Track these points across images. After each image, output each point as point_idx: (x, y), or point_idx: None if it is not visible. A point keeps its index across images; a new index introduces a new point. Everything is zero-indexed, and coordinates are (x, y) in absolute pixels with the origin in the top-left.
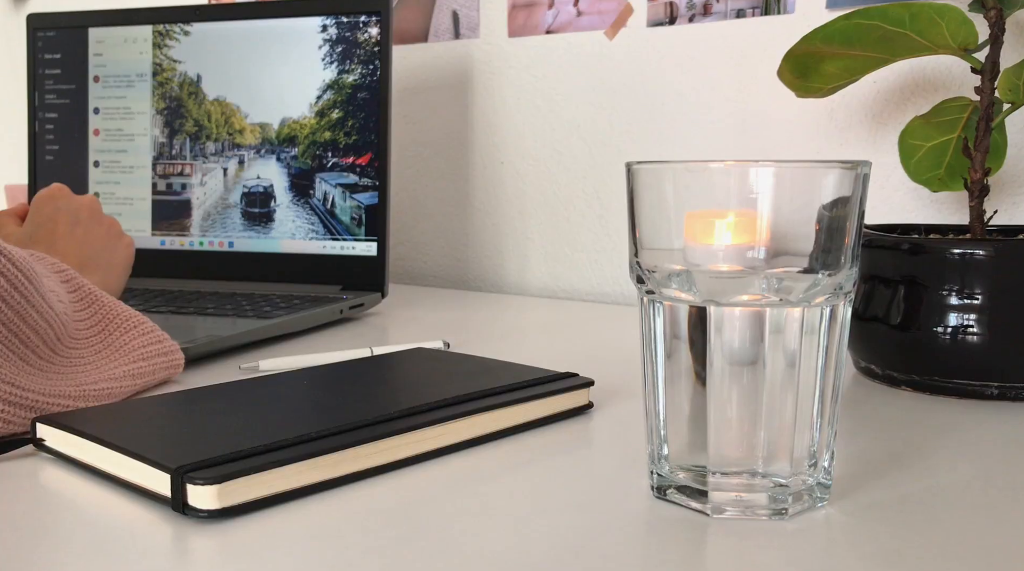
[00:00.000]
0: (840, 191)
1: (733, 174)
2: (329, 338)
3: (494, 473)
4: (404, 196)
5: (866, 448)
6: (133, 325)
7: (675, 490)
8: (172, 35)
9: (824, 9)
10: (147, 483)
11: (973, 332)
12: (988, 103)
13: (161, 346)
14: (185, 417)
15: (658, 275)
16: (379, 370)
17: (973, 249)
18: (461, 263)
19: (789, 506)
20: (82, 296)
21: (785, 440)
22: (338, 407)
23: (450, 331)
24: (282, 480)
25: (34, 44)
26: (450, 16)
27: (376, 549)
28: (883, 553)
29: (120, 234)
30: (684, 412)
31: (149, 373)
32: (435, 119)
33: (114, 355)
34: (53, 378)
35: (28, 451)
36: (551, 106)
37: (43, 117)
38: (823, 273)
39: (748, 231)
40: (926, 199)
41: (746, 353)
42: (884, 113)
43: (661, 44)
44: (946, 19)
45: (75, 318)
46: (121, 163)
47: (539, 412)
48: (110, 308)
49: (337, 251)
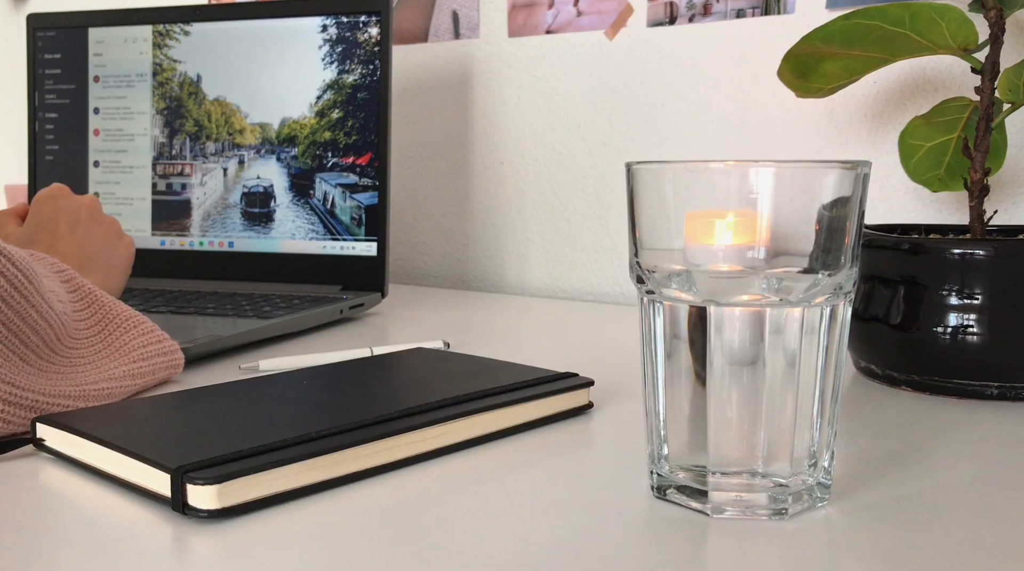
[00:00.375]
0: (840, 191)
1: (733, 174)
2: (329, 338)
3: (494, 473)
4: (404, 196)
5: (866, 448)
6: (133, 325)
7: (675, 490)
8: (172, 35)
9: (824, 9)
10: (147, 483)
11: (973, 332)
12: (988, 103)
13: (161, 346)
14: (185, 417)
15: (658, 275)
16: (379, 370)
17: (973, 249)
18: (461, 263)
19: (789, 506)
20: (82, 296)
21: (785, 440)
22: (338, 407)
23: (450, 331)
24: (282, 480)
25: (34, 44)
26: (450, 16)
27: (376, 549)
28: (883, 553)
29: (120, 234)
30: (684, 412)
31: (149, 373)
32: (435, 119)
33: (114, 355)
34: (53, 378)
35: (28, 451)
36: (551, 106)
37: (43, 117)
38: (823, 273)
39: (748, 231)
40: (926, 199)
41: (746, 353)
42: (884, 113)
43: (661, 44)
44: (946, 19)
45: (75, 318)
46: (121, 163)
47: (539, 412)
48: (110, 308)
49: (337, 251)
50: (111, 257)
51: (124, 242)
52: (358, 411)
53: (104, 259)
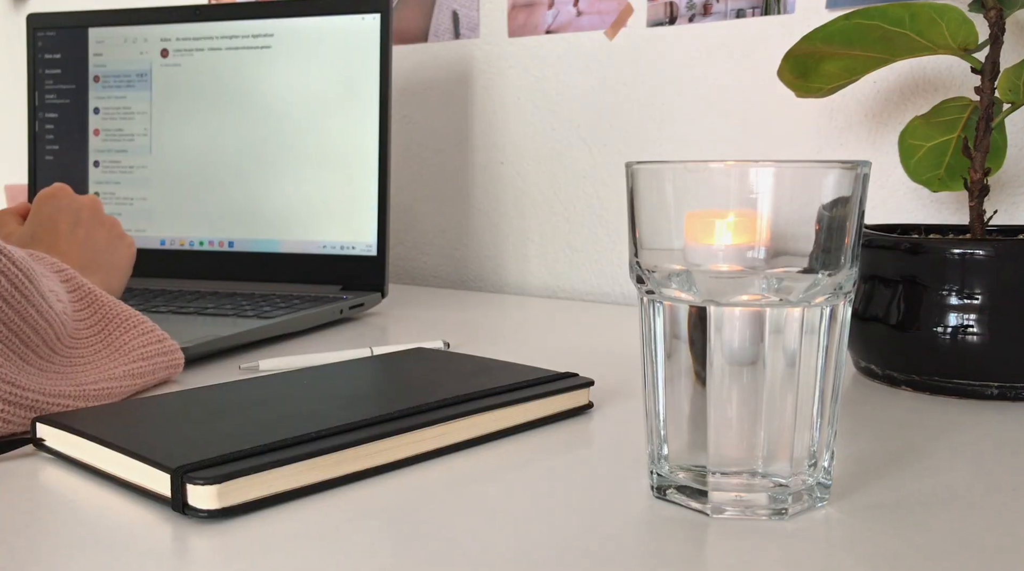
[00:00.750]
0: (840, 191)
1: (733, 174)
2: (329, 338)
3: (494, 473)
4: (404, 196)
5: (866, 448)
6: (133, 325)
7: (675, 490)
8: (177, 51)
9: (824, 9)
10: (147, 483)
11: (973, 332)
12: (988, 103)
13: (161, 346)
14: (185, 417)
15: (658, 275)
16: (379, 370)
17: (973, 249)
18: (461, 263)
19: (789, 506)
20: (82, 296)
21: (785, 440)
22: (338, 407)
23: (450, 331)
24: (282, 480)
25: (34, 44)
26: (450, 16)
27: (376, 549)
28: (883, 553)
29: (121, 234)
30: (684, 412)
31: (149, 373)
32: (435, 119)
33: (113, 355)
34: (53, 377)
35: (28, 451)
36: (551, 106)
37: (43, 117)
38: (823, 273)
39: (748, 231)
40: (926, 199)
41: (746, 353)
42: (884, 113)
43: (661, 44)
44: (946, 19)
45: (74, 318)
46: (121, 163)
47: (539, 412)
48: (110, 308)
49: (337, 251)
50: (112, 257)
51: (125, 242)
52: (358, 411)
53: (105, 259)
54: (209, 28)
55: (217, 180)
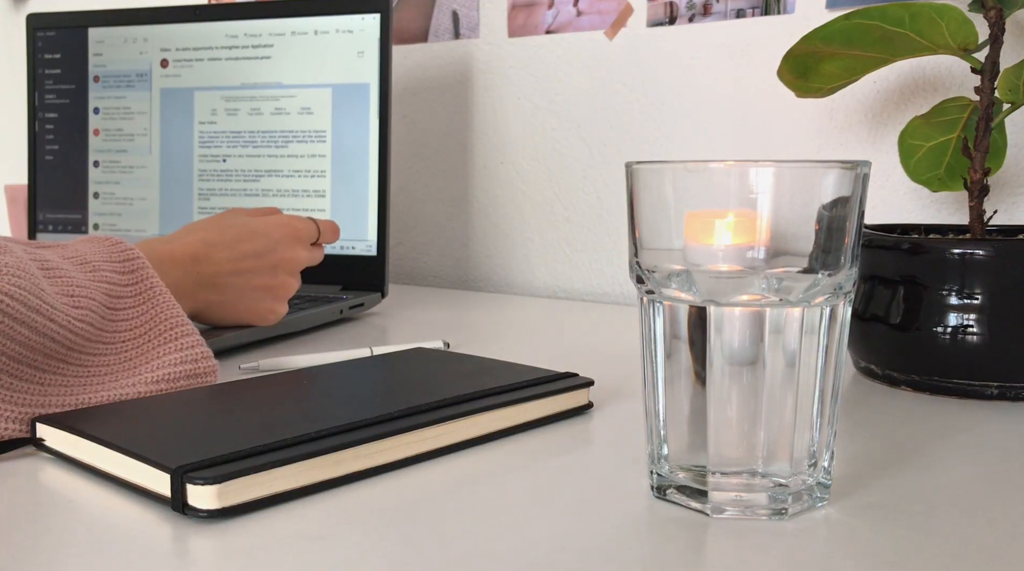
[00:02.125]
0: (840, 191)
1: (733, 174)
2: (329, 338)
3: (494, 473)
4: (404, 196)
5: (866, 448)
6: (175, 336)
7: (675, 490)
8: (177, 61)
9: (824, 9)
10: (147, 483)
11: (973, 332)
12: (988, 103)
13: (196, 366)
14: (185, 417)
15: (658, 275)
16: (379, 370)
17: (973, 249)
18: (461, 263)
19: (789, 506)
20: (141, 290)
21: (785, 440)
22: (338, 407)
23: (450, 331)
24: (282, 480)
25: (34, 44)
26: (450, 16)
27: (376, 549)
28: (883, 553)
29: (282, 299)
30: (684, 412)
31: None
32: (435, 119)
33: (140, 367)
34: (54, 391)
35: (28, 451)
36: (551, 106)
37: (43, 117)
38: (823, 273)
39: (748, 231)
40: (926, 199)
41: (746, 353)
42: (884, 113)
43: (661, 44)
44: (946, 19)
45: (112, 318)
46: (121, 163)
47: (539, 412)
48: (163, 309)
49: (337, 251)
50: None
51: (273, 308)
52: (358, 411)
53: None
54: (209, 32)
55: (217, 180)
